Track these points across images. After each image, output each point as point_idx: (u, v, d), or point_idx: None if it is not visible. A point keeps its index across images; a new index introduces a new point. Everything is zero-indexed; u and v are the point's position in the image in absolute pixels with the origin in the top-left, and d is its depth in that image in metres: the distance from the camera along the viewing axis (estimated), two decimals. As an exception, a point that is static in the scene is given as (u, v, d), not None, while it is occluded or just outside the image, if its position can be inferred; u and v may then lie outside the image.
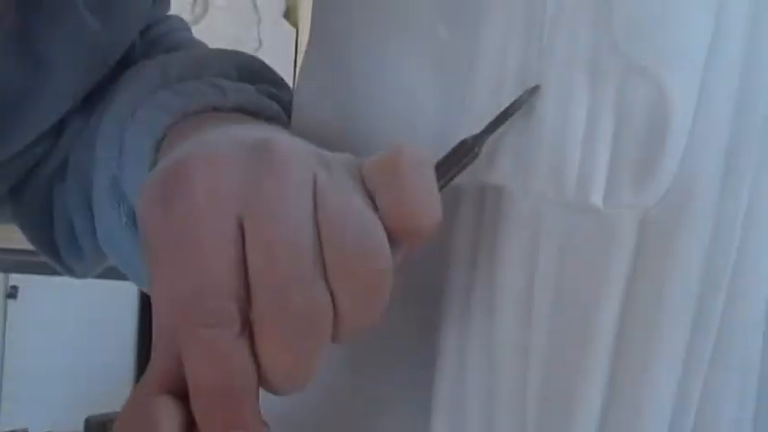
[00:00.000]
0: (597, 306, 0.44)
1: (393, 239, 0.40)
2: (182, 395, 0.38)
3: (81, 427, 2.32)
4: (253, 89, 0.53)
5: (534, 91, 0.44)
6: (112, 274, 0.62)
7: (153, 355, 0.40)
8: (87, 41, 0.56)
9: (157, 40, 0.63)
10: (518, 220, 0.46)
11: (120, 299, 2.55)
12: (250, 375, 0.38)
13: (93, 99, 0.58)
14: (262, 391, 0.39)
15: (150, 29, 0.62)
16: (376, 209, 0.40)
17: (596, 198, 0.43)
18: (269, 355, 0.38)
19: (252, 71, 0.56)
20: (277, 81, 0.58)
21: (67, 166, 0.59)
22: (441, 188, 0.42)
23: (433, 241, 0.45)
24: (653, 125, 0.43)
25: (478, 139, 0.44)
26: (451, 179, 0.44)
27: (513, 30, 0.45)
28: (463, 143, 0.44)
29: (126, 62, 0.59)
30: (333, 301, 0.39)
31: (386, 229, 0.40)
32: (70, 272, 0.64)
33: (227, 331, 0.37)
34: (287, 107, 0.54)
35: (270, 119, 0.52)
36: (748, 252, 0.43)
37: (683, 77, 0.43)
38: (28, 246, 0.62)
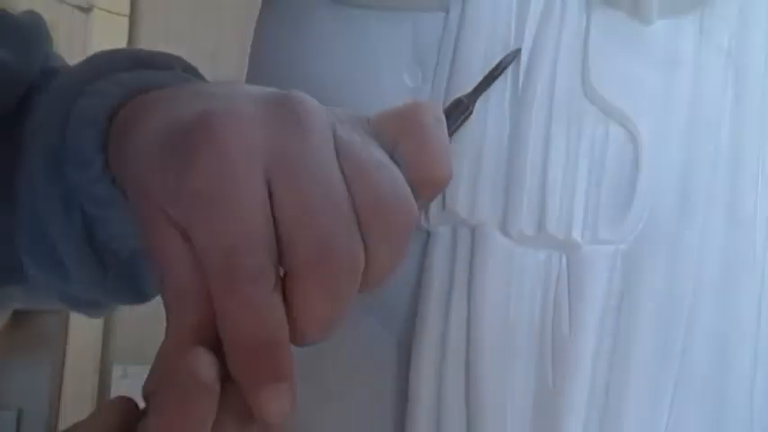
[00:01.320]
0: (575, 338, 0.47)
1: (414, 191, 0.41)
2: (212, 349, 0.38)
3: None
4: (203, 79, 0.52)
5: (516, 53, 0.47)
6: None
7: (174, 312, 0.39)
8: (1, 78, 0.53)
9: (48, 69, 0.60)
10: (494, 257, 0.48)
11: None
12: (285, 326, 0.38)
13: None
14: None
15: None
16: (393, 161, 0.41)
17: (576, 234, 0.46)
18: (308, 305, 0.38)
19: (194, 72, 0.55)
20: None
21: None
22: None
23: (407, 284, 0.47)
24: (623, 167, 0.47)
25: (471, 97, 0.46)
26: (451, 135, 0.45)
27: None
28: (458, 101, 0.46)
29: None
30: (365, 248, 0.39)
31: (408, 180, 0.41)
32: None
33: (265, 285, 0.37)
34: None
35: None
36: (705, 278, 0.48)
37: (651, 120, 0.47)
38: None
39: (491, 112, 0.47)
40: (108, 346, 1.79)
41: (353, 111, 0.44)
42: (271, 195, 0.38)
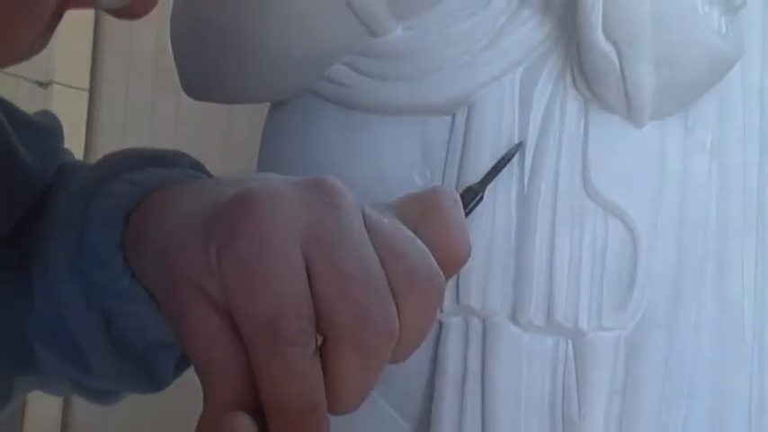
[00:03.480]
0: (585, 422, 0.50)
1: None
2: (251, 413, 0.40)
3: None
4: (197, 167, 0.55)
5: (519, 147, 0.51)
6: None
7: (214, 383, 0.41)
8: (20, 175, 0.55)
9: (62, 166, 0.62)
10: (505, 345, 0.51)
11: None
12: (323, 389, 0.41)
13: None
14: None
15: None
16: None
17: (583, 323, 0.50)
18: (344, 373, 0.41)
19: (200, 168, 0.57)
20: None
21: None
22: None
23: (421, 371, 0.50)
24: (623, 259, 0.50)
25: (481, 185, 0.50)
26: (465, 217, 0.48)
27: (498, 179, 0.51)
28: (469, 188, 0.50)
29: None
30: (399, 318, 0.42)
31: None
32: None
33: (307, 351, 0.40)
34: None
35: None
36: (701, 359, 0.51)
37: (647, 215, 0.51)
38: None
39: (499, 210, 0.51)
40: (67, 424, 1.77)
41: (372, 199, 0.47)
42: (308, 269, 0.41)
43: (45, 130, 0.59)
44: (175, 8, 0.54)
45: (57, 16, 0.41)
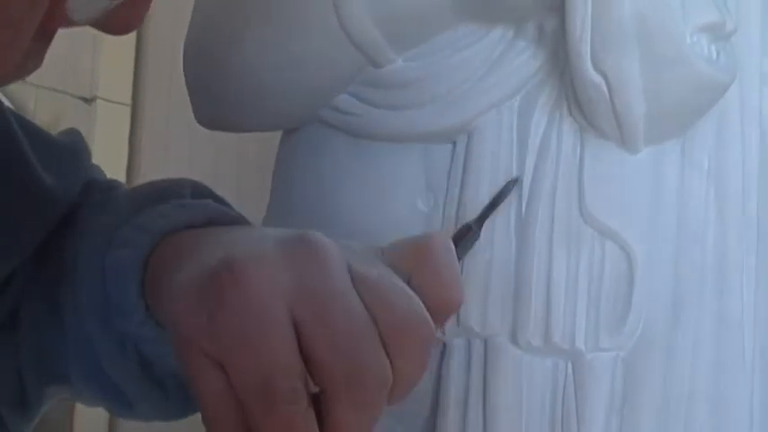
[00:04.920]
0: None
1: (429, 313, 0.45)
2: None
3: None
4: (213, 203, 0.57)
5: (515, 182, 0.52)
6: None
7: None
8: (42, 198, 0.57)
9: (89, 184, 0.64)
10: (505, 365, 0.52)
11: None
12: None
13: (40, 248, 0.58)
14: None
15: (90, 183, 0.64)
16: (409, 287, 0.45)
17: (580, 343, 0.51)
18: (342, 422, 0.42)
19: (202, 191, 0.59)
20: (221, 198, 0.61)
21: (17, 318, 0.59)
22: None
23: (426, 392, 0.51)
24: (620, 282, 0.52)
25: (477, 223, 0.51)
26: (460, 259, 0.50)
27: (499, 207, 0.52)
28: (467, 227, 0.51)
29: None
30: (391, 366, 0.43)
31: (423, 304, 0.45)
32: None
33: (301, 406, 0.42)
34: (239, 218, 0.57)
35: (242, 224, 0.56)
36: (699, 378, 0.52)
37: (643, 239, 0.52)
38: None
39: (498, 234, 0.52)
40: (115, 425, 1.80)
41: (366, 243, 0.48)
42: (297, 327, 0.43)
43: (67, 149, 0.61)
44: (186, 39, 0.57)
45: (45, 36, 0.42)
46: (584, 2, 0.48)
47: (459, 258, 0.50)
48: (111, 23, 0.42)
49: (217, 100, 0.56)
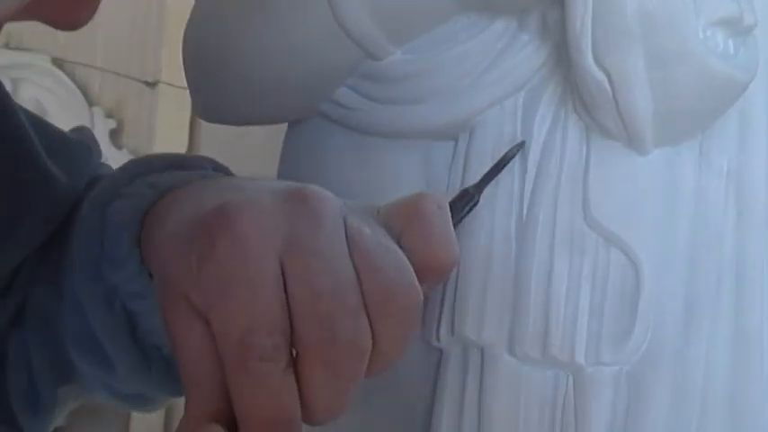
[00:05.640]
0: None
1: (418, 277, 0.43)
2: (228, 425, 0.40)
3: None
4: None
5: (520, 146, 0.49)
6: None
7: (192, 393, 0.41)
8: (51, 189, 0.56)
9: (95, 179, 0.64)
10: (502, 377, 0.50)
11: None
12: (297, 405, 0.41)
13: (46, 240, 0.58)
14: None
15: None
16: (400, 248, 0.44)
17: (580, 357, 0.48)
18: (314, 385, 0.41)
19: (223, 169, 0.58)
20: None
21: (24, 312, 0.58)
22: None
23: (421, 398, 0.49)
24: (625, 291, 0.49)
25: (477, 189, 0.49)
26: (457, 224, 0.47)
27: (497, 206, 0.50)
28: (465, 192, 0.48)
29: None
30: (372, 333, 0.41)
31: (412, 265, 0.43)
32: None
33: (279, 365, 0.40)
34: None
35: None
36: (712, 396, 0.49)
37: (651, 246, 0.49)
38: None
39: (497, 237, 0.50)
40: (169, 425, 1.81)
41: (364, 202, 0.47)
42: (285, 281, 0.41)
43: (76, 145, 0.61)
44: (185, 33, 0.55)
45: None
46: (583, -7, 0.44)
47: (456, 223, 0.47)
48: (56, 19, 0.41)
49: (215, 93, 0.55)
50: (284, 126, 0.57)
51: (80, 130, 0.65)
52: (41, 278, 0.58)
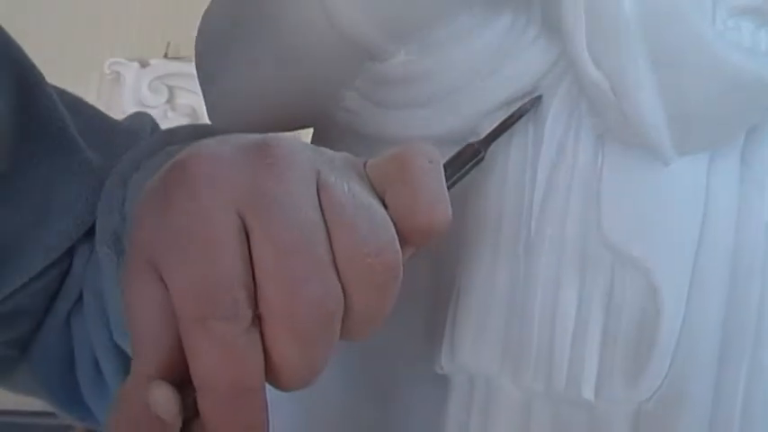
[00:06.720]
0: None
1: (403, 238, 0.39)
2: (180, 386, 0.37)
3: None
4: None
5: (536, 101, 0.44)
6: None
7: (140, 354, 0.38)
8: (90, 178, 0.56)
9: None
10: (508, 410, 0.45)
11: None
12: (261, 370, 0.37)
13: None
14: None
15: None
16: (384, 206, 0.40)
17: (588, 392, 0.43)
18: (279, 349, 0.37)
19: None
20: None
21: (82, 298, 0.58)
22: (447, 189, 0.41)
23: (428, 424, 0.45)
24: (643, 318, 0.43)
25: (483, 143, 0.44)
26: (457, 181, 0.43)
27: (503, 220, 0.45)
28: (469, 146, 0.44)
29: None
30: (344, 295, 0.38)
31: (396, 227, 0.39)
32: (95, 422, 0.62)
33: (240, 325, 0.36)
34: None
35: None
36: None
37: (673, 269, 0.43)
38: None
39: (502, 257, 0.45)
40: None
41: (349, 155, 0.43)
42: (248, 235, 0.38)
43: (122, 131, 0.59)
44: (196, 43, 0.53)
45: None
46: (574, -17, 0.39)
47: (455, 180, 0.43)
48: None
49: (225, 101, 0.52)
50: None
51: (137, 115, 0.64)
52: (91, 266, 0.58)
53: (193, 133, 0.55)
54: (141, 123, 0.63)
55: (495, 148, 0.45)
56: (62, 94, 0.57)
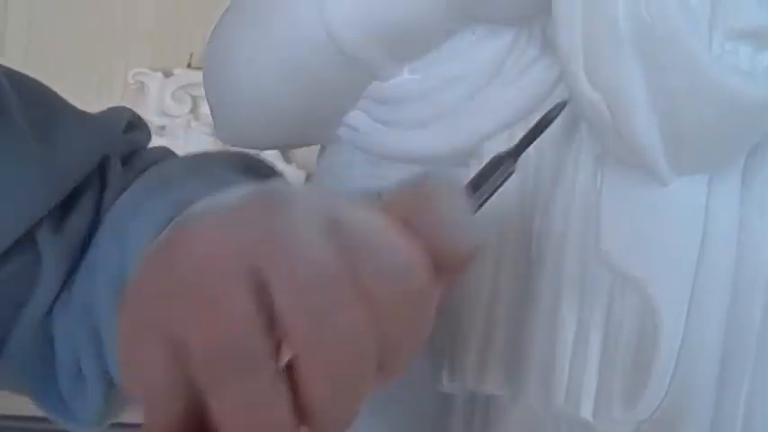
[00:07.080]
0: None
1: (434, 266, 0.37)
2: None
3: None
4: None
5: (561, 106, 0.42)
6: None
7: (150, 416, 0.37)
8: (32, 170, 0.55)
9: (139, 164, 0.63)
10: (508, 428, 0.45)
11: None
12: (291, 420, 0.36)
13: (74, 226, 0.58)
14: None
15: (134, 155, 0.62)
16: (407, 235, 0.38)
17: (586, 413, 0.43)
18: (313, 391, 0.36)
19: (252, 164, 0.55)
20: (279, 175, 0.57)
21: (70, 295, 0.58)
22: (478, 207, 0.40)
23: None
24: (642, 339, 0.43)
25: (514, 154, 0.41)
26: (489, 197, 0.41)
27: (505, 240, 0.45)
28: (498, 159, 0.41)
29: (102, 187, 0.59)
30: (377, 326, 0.36)
31: (424, 256, 0.37)
32: (75, 421, 0.62)
33: (259, 375, 0.35)
34: None
35: None
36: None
37: (672, 288, 0.43)
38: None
39: (503, 277, 0.45)
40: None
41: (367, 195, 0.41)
42: (266, 287, 0.36)
43: (93, 121, 0.59)
44: (203, 62, 0.54)
45: None
46: (571, 2, 0.39)
47: (491, 194, 0.40)
48: None
49: (230, 119, 0.53)
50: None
51: (113, 109, 0.63)
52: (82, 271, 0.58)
53: (188, 168, 0.54)
54: (118, 118, 0.61)
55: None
56: (11, 75, 0.56)
